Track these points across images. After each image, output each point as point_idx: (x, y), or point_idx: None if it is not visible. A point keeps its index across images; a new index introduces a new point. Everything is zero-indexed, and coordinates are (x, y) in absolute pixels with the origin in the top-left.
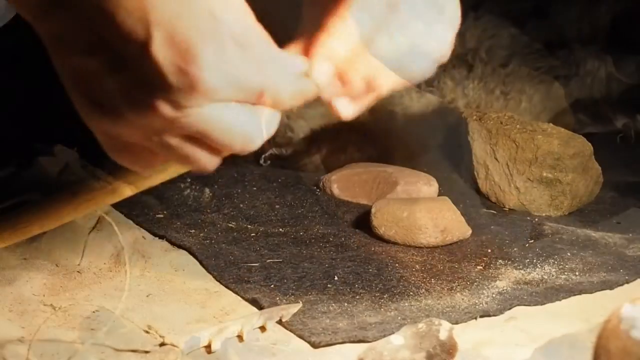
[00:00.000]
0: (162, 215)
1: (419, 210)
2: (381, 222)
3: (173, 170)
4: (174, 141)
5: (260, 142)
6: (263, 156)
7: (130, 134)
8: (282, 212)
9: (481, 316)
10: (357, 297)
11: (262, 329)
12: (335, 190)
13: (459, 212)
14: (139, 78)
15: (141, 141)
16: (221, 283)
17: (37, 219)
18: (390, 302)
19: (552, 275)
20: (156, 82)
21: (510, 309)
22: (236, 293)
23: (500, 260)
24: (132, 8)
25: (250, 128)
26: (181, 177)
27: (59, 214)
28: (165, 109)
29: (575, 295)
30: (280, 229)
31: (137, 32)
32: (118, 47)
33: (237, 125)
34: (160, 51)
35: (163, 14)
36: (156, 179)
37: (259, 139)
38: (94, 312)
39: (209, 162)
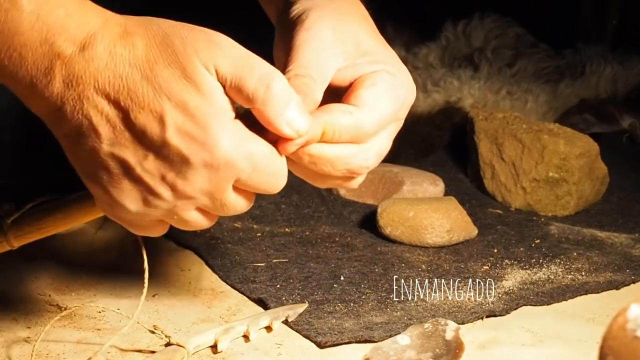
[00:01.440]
0: None
1: (425, 210)
2: (387, 222)
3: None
4: (183, 214)
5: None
6: None
7: (148, 218)
8: (288, 212)
9: (487, 316)
10: (363, 297)
11: (268, 329)
12: (341, 190)
13: (465, 212)
14: (164, 166)
15: (158, 217)
16: (227, 283)
17: (60, 219)
18: (396, 302)
19: (559, 275)
20: (179, 167)
21: (516, 308)
22: (242, 293)
23: (506, 260)
24: (143, 103)
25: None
26: None
27: (77, 215)
28: (186, 193)
29: (581, 295)
30: (287, 229)
31: (153, 122)
32: (138, 140)
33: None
34: (178, 135)
35: (174, 102)
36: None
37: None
38: (99, 312)
39: (206, 224)
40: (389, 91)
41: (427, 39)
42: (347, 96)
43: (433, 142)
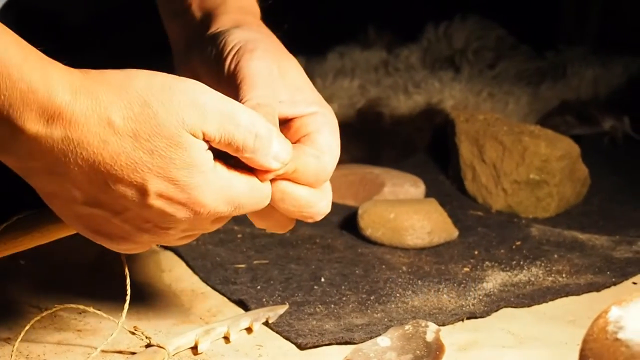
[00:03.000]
0: None
1: (406, 211)
2: (368, 223)
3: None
4: (170, 238)
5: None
6: None
7: (138, 248)
8: None
9: (468, 318)
10: (344, 298)
11: (249, 330)
12: None
13: (445, 213)
14: (145, 217)
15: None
16: (208, 284)
17: (38, 235)
18: (377, 304)
19: (539, 277)
20: (161, 219)
21: (497, 310)
22: (223, 294)
23: (487, 262)
24: (122, 172)
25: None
26: None
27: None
28: (170, 233)
29: (562, 297)
30: (267, 231)
31: (132, 190)
32: (117, 202)
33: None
34: (160, 198)
35: (152, 165)
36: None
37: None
38: (80, 313)
39: (189, 241)
40: (333, 134)
41: (409, 40)
42: (302, 140)
43: (414, 143)
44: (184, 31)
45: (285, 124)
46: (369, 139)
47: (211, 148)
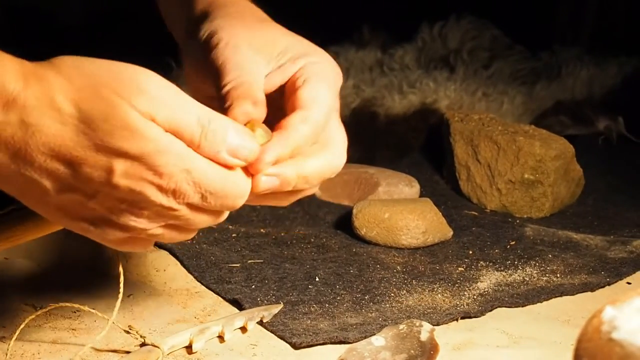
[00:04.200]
0: None
1: (401, 211)
2: (362, 223)
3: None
4: (158, 231)
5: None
6: None
7: (122, 234)
8: (263, 213)
9: (462, 317)
10: (339, 298)
11: (243, 329)
12: (317, 191)
13: (440, 213)
14: (117, 197)
15: (133, 235)
16: (202, 283)
17: (31, 228)
18: (371, 303)
19: (534, 277)
20: (131, 197)
21: (491, 310)
22: (217, 293)
23: (481, 262)
24: (85, 154)
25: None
26: None
27: (48, 224)
28: (145, 214)
29: (556, 296)
30: (262, 230)
31: (98, 170)
32: (87, 184)
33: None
34: (126, 177)
35: (115, 144)
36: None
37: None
38: (74, 312)
39: (185, 238)
40: (322, 81)
41: (403, 40)
42: (289, 102)
43: (409, 143)
44: (180, 37)
45: (281, 92)
46: (363, 139)
47: None
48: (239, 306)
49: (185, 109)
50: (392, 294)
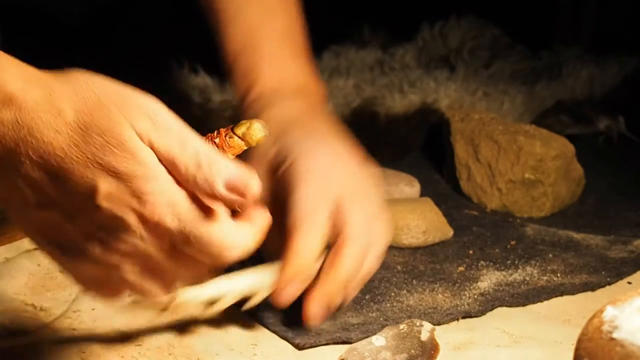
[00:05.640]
0: None
1: (401, 211)
2: None
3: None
4: (131, 275)
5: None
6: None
7: (94, 270)
8: None
9: (463, 317)
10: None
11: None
12: None
13: (440, 213)
14: (96, 222)
15: (103, 276)
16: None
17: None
18: (372, 303)
19: (534, 277)
20: (111, 224)
21: (492, 310)
22: None
23: (482, 262)
24: (72, 167)
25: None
26: None
27: None
28: (122, 248)
29: (556, 296)
30: None
31: (82, 185)
32: (69, 201)
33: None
34: (109, 200)
35: (104, 163)
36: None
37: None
38: (75, 312)
39: (159, 292)
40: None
41: (404, 39)
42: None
43: (409, 143)
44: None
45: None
46: (364, 139)
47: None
48: (239, 306)
49: (187, 142)
50: (393, 294)
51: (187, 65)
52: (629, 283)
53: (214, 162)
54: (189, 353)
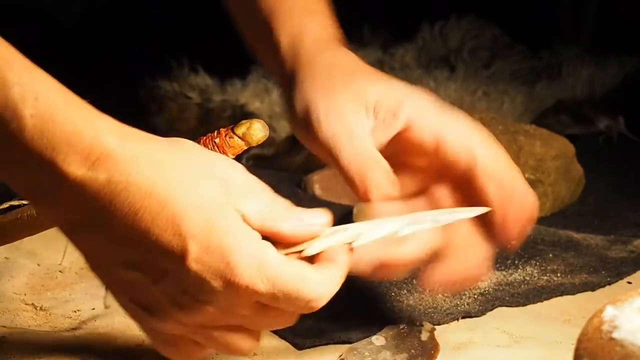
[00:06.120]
0: None
1: None
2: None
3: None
4: (217, 333)
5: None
6: (245, 156)
7: (177, 330)
8: None
9: (463, 317)
10: (339, 297)
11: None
12: (318, 190)
13: None
14: (183, 286)
15: (187, 335)
16: None
17: (29, 224)
18: (372, 303)
19: (534, 277)
20: (198, 288)
21: (492, 309)
22: None
23: None
24: (165, 225)
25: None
26: None
27: (45, 222)
28: (208, 311)
29: (556, 296)
30: None
31: (173, 247)
32: (157, 262)
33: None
34: (198, 263)
35: (196, 225)
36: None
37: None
38: (75, 311)
39: (248, 346)
40: (452, 127)
41: (404, 39)
42: (428, 159)
43: None
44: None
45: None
46: None
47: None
48: None
49: (276, 213)
50: (393, 294)
51: (187, 65)
52: (629, 283)
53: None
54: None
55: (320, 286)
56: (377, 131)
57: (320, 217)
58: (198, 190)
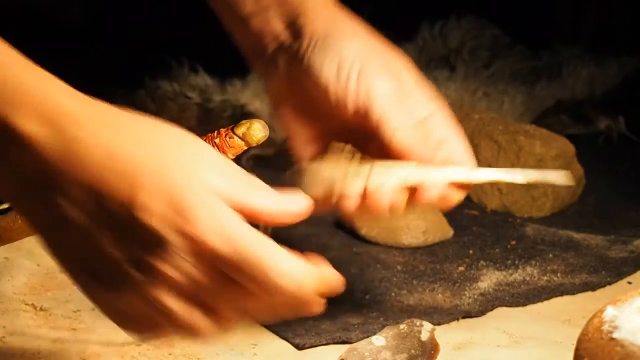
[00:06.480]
0: None
1: None
2: (363, 222)
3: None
4: (177, 306)
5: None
6: (245, 156)
7: (134, 304)
8: None
9: (463, 317)
10: (339, 297)
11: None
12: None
13: (440, 213)
14: (137, 243)
15: (146, 311)
16: None
17: (26, 225)
18: (372, 303)
19: (534, 277)
20: (153, 244)
21: (492, 310)
22: None
23: (482, 261)
24: (118, 178)
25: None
26: None
27: None
28: (165, 275)
29: (557, 296)
30: (262, 229)
31: (123, 197)
32: (110, 219)
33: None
34: (153, 214)
35: (152, 179)
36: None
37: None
38: (75, 311)
39: (210, 328)
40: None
41: (404, 39)
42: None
43: None
44: (261, 35)
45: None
46: None
47: None
48: None
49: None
50: (393, 294)
51: (187, 65)
52: (629, 283)
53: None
54: (189, 353)
55: (289, 264)
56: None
57: (302, 199)
58: (157, 150)
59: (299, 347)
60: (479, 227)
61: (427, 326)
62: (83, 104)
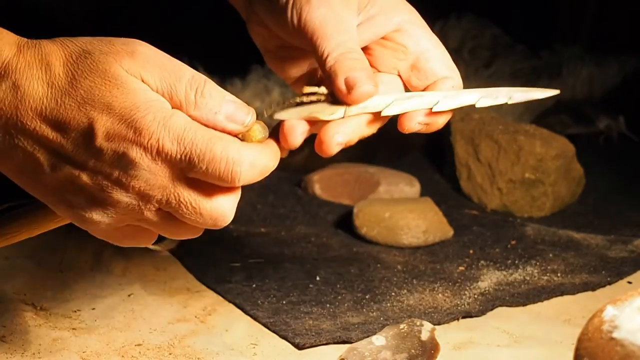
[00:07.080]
0: None
1: (401, 210)
2: (363, 222)
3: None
4: (154, 217)
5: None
6: None
7: (119, 219)
8: (264, 212)
9: (463, 317)
10: (339, 297)
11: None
12: (318, 190)
13: (441, 212)
14: (106, 167)
15: (131, 222)
16: (202, 283)
17: (26, 225)
18: (372, 303)
19: (534, 276)
20: (117, 163)
21: (492, 309)
22: (217, 293)
23: (482, 261)
24: (72, 105)
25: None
26: None
27: (48, 221)
28: (135, 188)
29: (557, 296)
30: (262, 229)
31: (81, 133)
32: (74, 152)
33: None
34: (107, 136)
35: (100, 98)
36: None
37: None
38: (75, 311)
39: (192, 232)
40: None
41: None
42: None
43: (409, 142)
44: None
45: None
46: (364, 138)
47: None
48: (239, 306)
49: (178, 71)
50: (393, 294)
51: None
52: (629, 283)
53: (212, 89)
54: (189, 353)
55: (241, 151)
56: (364, 28)
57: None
58: (89, 70)
59: (299, 347)
60: (479, 227)
61: (427, 326)
62: (24, 50)
